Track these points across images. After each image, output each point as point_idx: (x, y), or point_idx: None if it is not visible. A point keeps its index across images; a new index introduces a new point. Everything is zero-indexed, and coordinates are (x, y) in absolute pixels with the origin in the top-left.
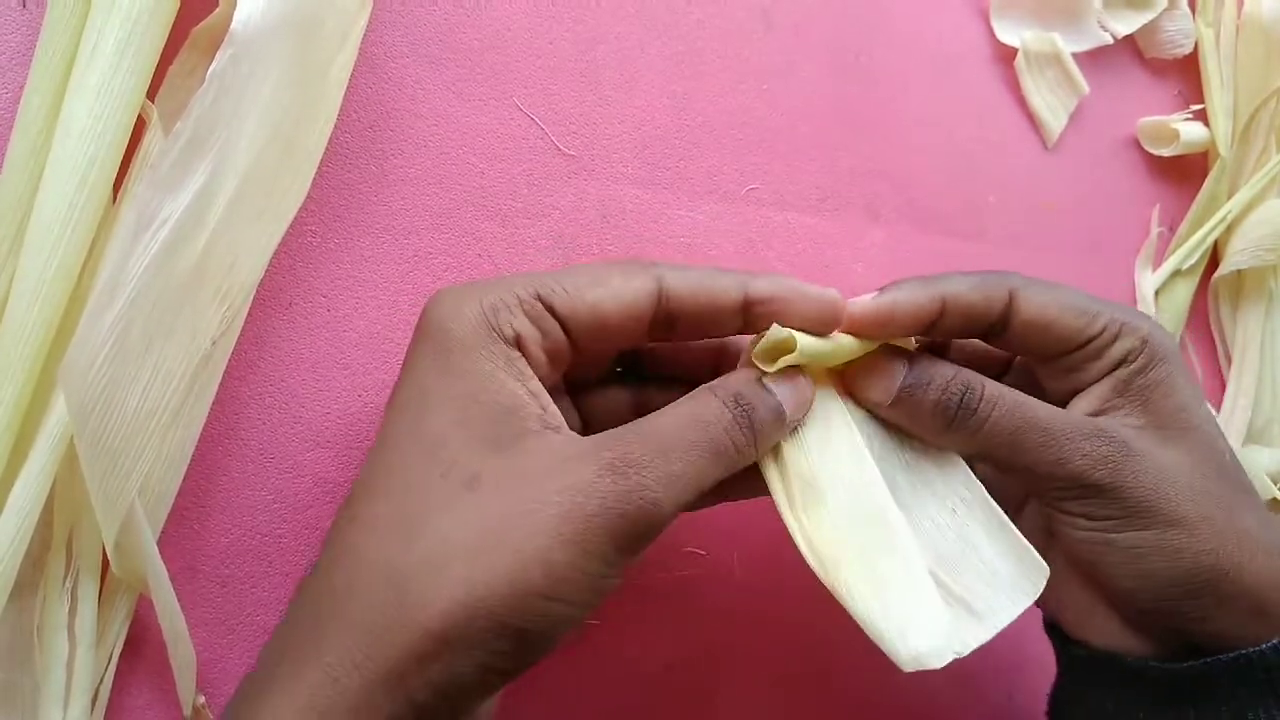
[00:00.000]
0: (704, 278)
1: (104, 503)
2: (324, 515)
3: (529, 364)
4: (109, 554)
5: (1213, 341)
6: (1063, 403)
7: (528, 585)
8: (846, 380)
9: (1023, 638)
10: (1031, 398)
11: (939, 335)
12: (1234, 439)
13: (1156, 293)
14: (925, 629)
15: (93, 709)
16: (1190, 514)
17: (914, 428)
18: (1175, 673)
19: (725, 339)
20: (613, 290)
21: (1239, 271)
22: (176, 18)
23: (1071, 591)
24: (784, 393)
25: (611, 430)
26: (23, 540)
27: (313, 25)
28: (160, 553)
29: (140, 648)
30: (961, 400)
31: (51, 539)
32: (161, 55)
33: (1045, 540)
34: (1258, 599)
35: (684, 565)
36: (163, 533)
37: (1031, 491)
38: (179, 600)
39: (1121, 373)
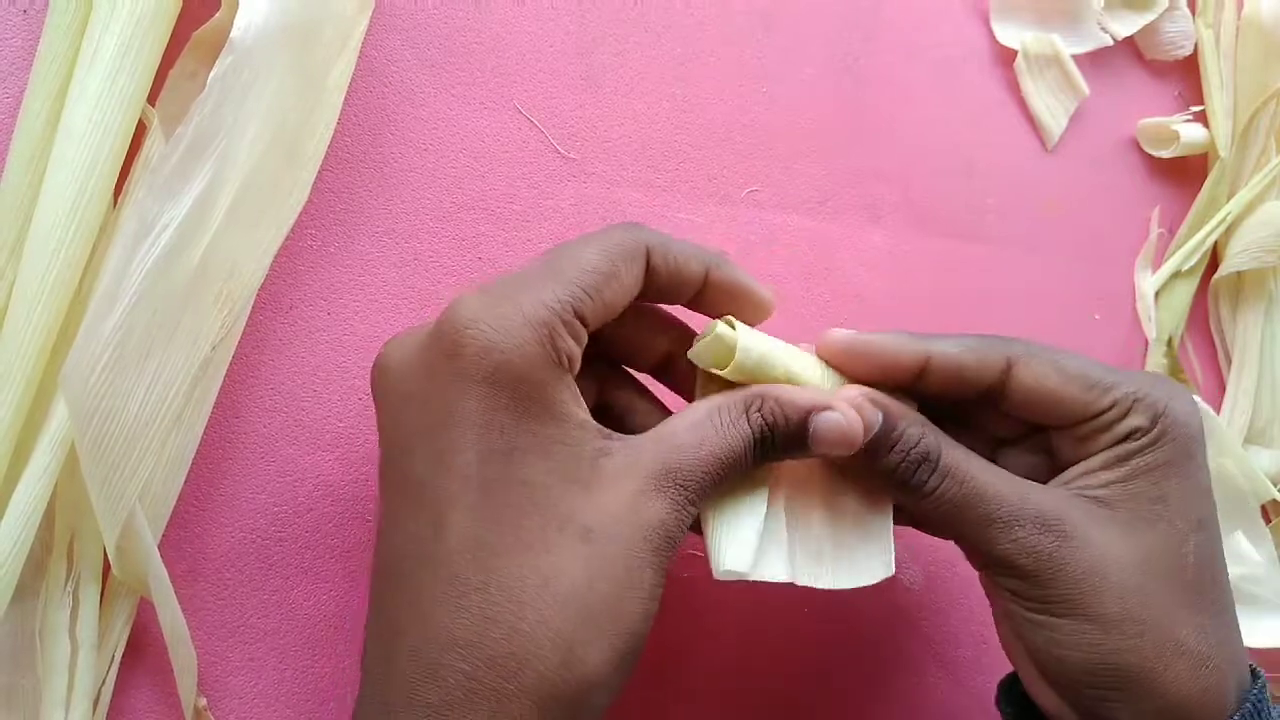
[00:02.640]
0: (681, 261)
1: (105, 507)
2: (324, 518)
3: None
4: (110, 557)
5: (1212, 343)
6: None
7: (646, 624)
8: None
9: None
10: (989, 469)
11: (925, 394)
12: (1234, 440)
13: (1156, 294)
14: (742, 556)
15: (94, 711)
16: (1113, 612)
17: (868, 476)
18: None
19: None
20: (622, 284)
21: (1239, 273)
22: (177, 21)
23: (1018, 658)
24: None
25: (660, 448)
26: (24, 544)
27: (313, 31)
28: (161, 556)
29: (142, 651)
30: (916, 470)
31: (53, 543)
32: (162, 59)
33: None
34: (1173, 706)
35: (683, 567)
36: (164, 536)
37: (969, 558)
38: (180, 603)
39: (1120, 449)
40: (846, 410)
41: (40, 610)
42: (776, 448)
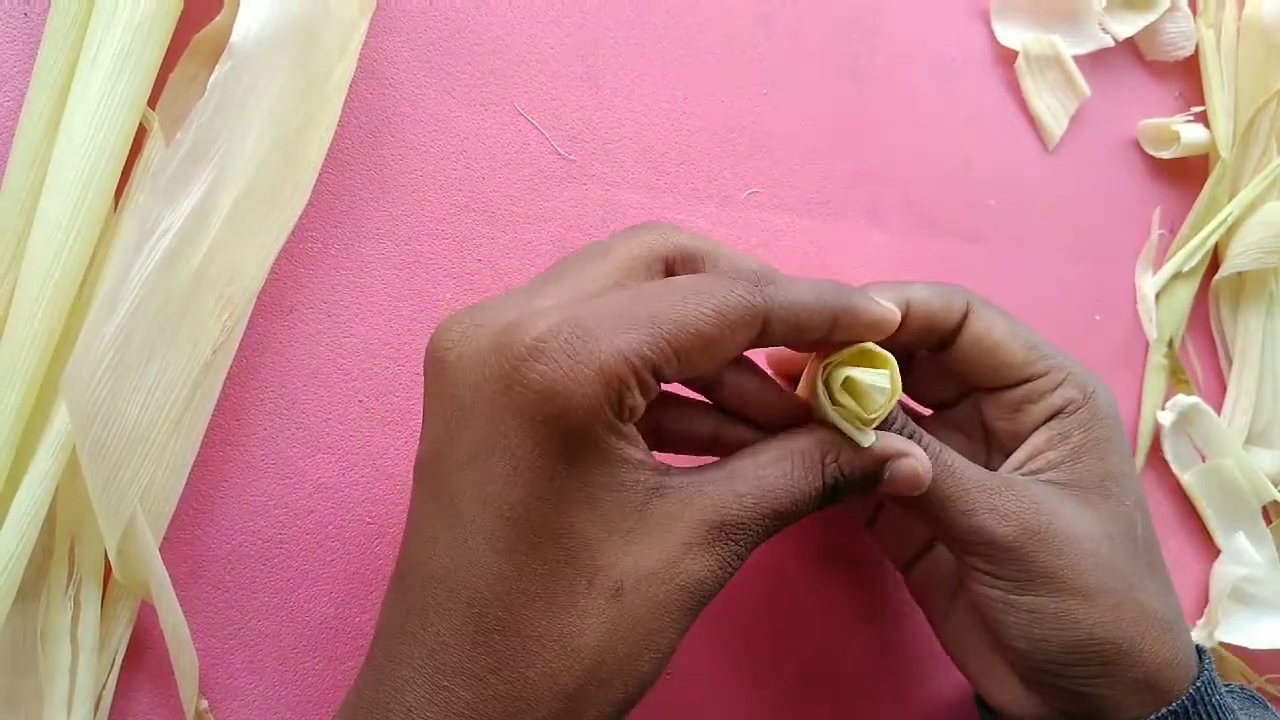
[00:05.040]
0: (805, 321)
1: (106, 510)
2: (325, 521)
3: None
4: (111, 560)
5: (1213, 343)
6: (1007, 441)
7: (654, 680)
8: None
9: None
10: (950, 449)
11: (903, 340)
12: (1235, 441)
13: (1157, 295)
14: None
15: (95, 714)
16: (1092, 585)
17: None
18: None
19: None
20: (723, 351)
21: (1240, 273)
22: (177, 23)
23: (974, 646)
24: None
25: (720, 494)
26: (26, 547)
27: (313, 34)
28: (162, 558)
29: (143, 653)
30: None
31: (54, 546)
32: (163, 62)
33: (949, 590)
34: (1146, 673)
35: None
36: (165, 539)
37: (944, 541)
38: (181, 606)
39: (1058, 424)
40: (920, 455)
41: (42, 613)
42: (841, 495)
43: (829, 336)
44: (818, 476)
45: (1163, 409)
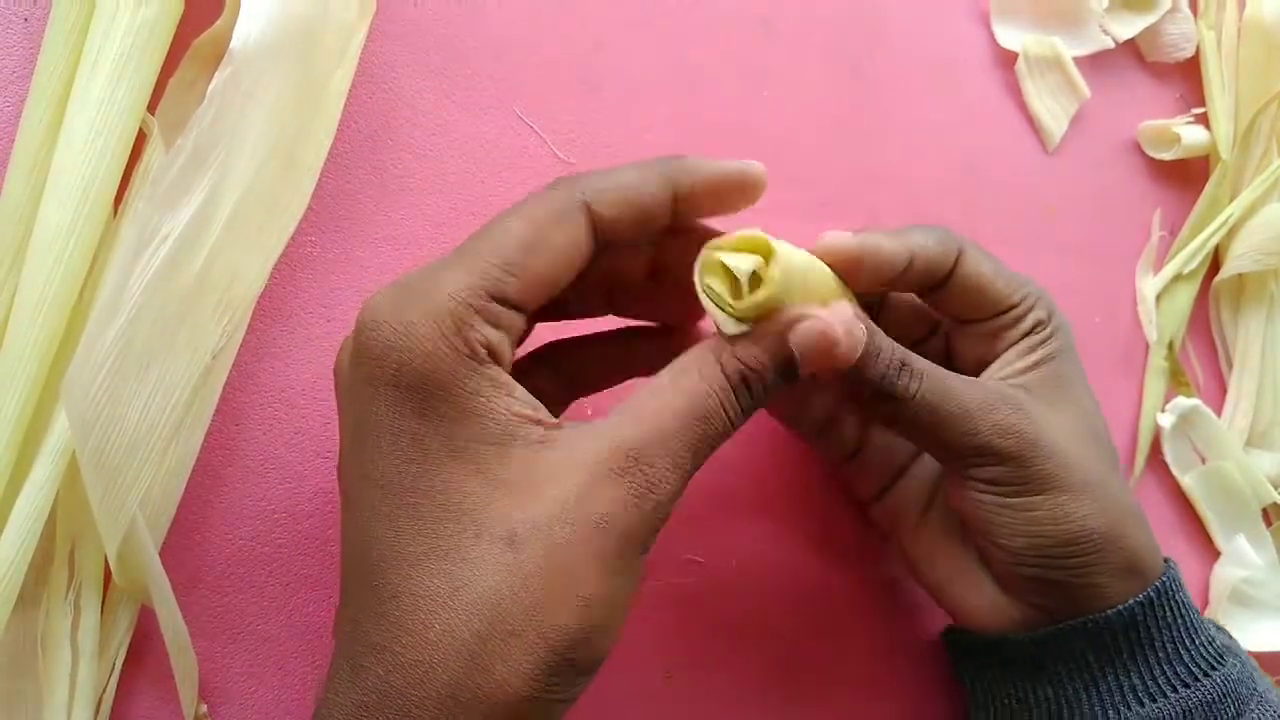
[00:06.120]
0: (634, 196)
1: (106, 515)
2: (325, 524)
3: (503, 367)
4: (111, 565)
5: (1213, 345)
6: (975, 368)
7: (594, 624)
8: None
9: None
10: (945, 370)
11: (901, 287)
12: (1235, 443)
13: (1157, 296)
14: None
15: (95, 718)
16: (1078, 481)
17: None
18: (1030, 640)
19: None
20: (556, 251)
21: (1240, 275)
22: (177, 27)
23: (947, 557)
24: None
25: (615, 426)
26: (26, 552)
27: (312, 39)
28: (162, 563)
29: (143, 657)
30: (898, 375)
31: (54, 551)
32: (162, 67)
33: (921, 509)
34: (1130, 558)
35: (683, 574)
36: (164, 543)
37: (942, 459)
38: (181, 610)
39: (1028, 341)
40: (822, 314)
41: (42, 618)
42: (766, 390)
43: (684, 214)
44: (718, 378)
45: (1163, 411)
